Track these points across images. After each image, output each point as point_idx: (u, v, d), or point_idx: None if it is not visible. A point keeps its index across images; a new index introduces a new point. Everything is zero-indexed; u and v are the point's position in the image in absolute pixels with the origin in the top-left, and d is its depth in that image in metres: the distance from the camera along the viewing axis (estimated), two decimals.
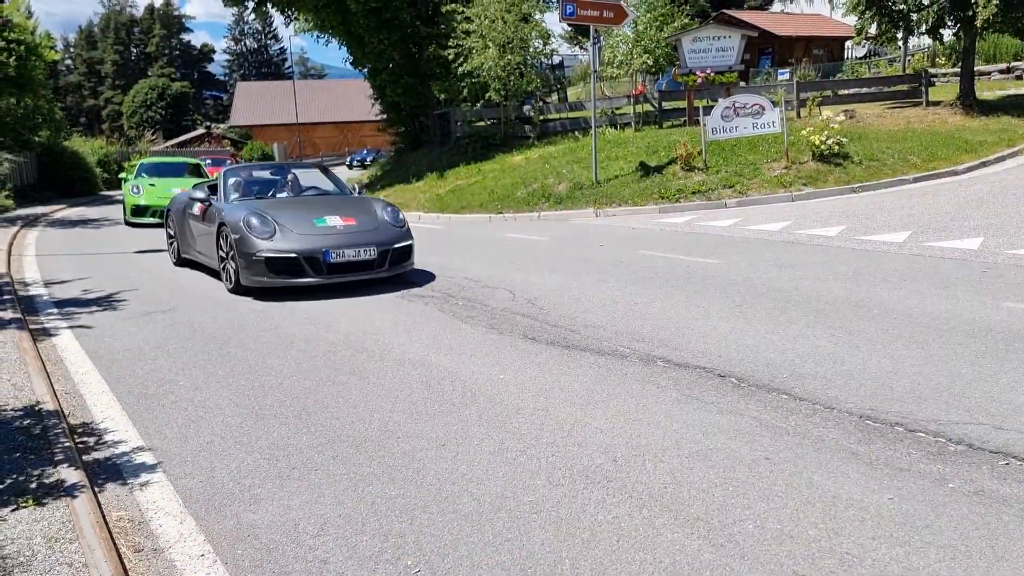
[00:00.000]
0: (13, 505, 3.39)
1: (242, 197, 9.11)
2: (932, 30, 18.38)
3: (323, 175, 10.40)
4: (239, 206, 8.56)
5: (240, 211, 8.29)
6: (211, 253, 8.90)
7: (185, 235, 10.00)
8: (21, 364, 5.63)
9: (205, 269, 9.76)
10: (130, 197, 16.74)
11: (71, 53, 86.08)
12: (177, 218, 10.29)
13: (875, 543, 2.94)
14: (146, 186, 16.94)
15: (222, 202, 8.97)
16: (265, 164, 13.15)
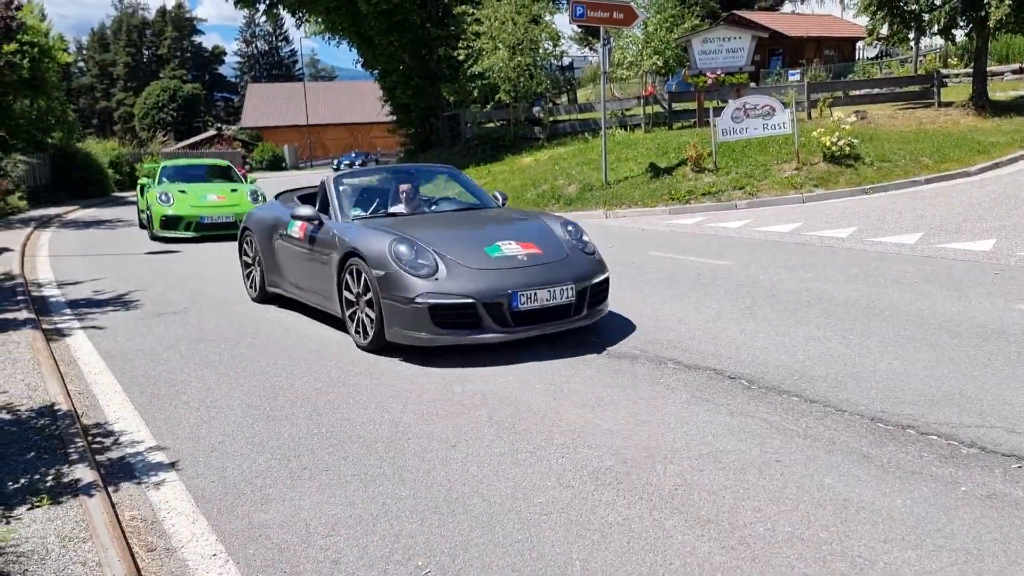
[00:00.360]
0: (28, 504, 3.42)
1: (366, 215, 6.84)
2: (944, 30, 18.31)
3: (454, 180, 7.98)
4: (371, 228, 6.18)
5: (378, 236, 5.90)
6: (323, 290, 6.57)
7: (275, 263, 7.51)
8: (35, 364, 5.67)
9: (298, 306, 7.58)
10: (158, 206, 13.89)
11: (84, 55, 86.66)
12: (260, 240, 7.72)
13: (887, 546, 2.93)
14: (176, 193, 14.14)
15: (339, 221, 6.59)
16: (374, 169, 9.03)
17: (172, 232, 13.77)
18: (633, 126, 20.31)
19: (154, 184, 14.98)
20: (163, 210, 13.87)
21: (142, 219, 15.84)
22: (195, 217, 13.81)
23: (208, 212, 13.95)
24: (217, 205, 14.17)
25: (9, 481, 3.68)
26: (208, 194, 14.34)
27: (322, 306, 6.74)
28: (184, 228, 13.78)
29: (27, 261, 11.98)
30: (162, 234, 13.81)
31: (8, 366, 5.64)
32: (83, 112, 74.72)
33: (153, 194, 14.30)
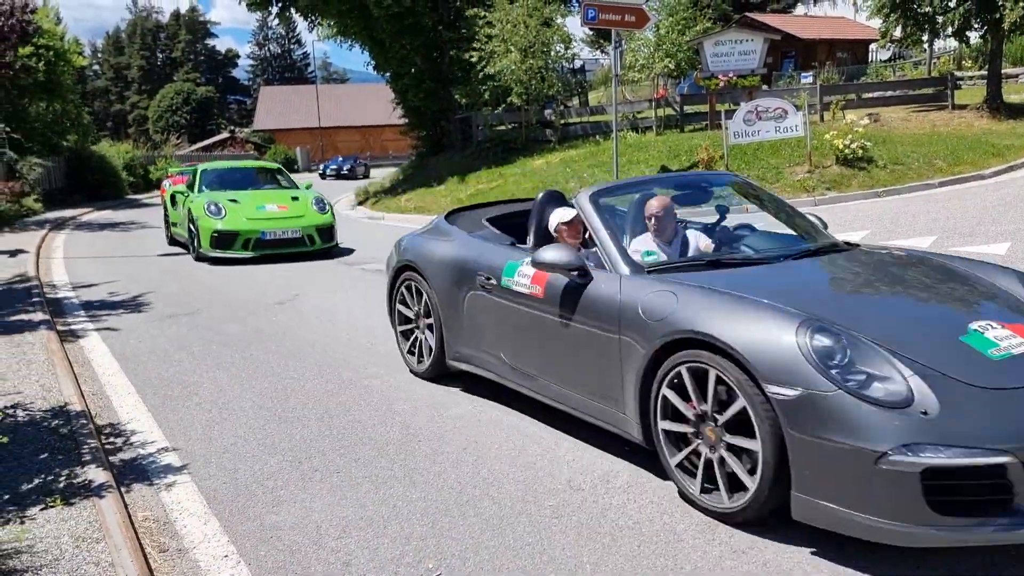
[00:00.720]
0: (42, 504, 3.45)
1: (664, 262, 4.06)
2: (958, 32, 18.20)
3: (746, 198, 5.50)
4: (716, 290, 3.42)
5: (761, 312, 3.18)
6: (596, 389, 3.81)
7: (472, 327, 4.79)
8: (49, 365, 5.71)
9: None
10: (207, 220, 11.20)
11: (99, 59, 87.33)
12: (440, 287, 4.99)
13: (905, 550, 2.91)
14: (226, 203, 11.48)
15: (627, 273, 3.79)
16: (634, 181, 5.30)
17: (226, 252, 11.13)
18: (644, 129, 20.27)
19: (193, 193, 12.32)
20: (214, 224, 11.11)
21: (175, 235, 13.43)
22: (254, 233, 11.13)
23: (269, 226, 11.24)
24: (279, 217, 11.47)
25: (23, 481, 3.70)
26: (266, 203, 11.73)
27: (588, 413, 3.94)
28: (241, 247, 11.12)
29: (42, 263, 12.08)
30: (213, 254, 11.14)
31: (23, 367, 5.68)
32: (98, 115, 75.24)
33: (198, 205, 11.53)
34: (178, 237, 13.18)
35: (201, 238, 11.25)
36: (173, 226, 13.50)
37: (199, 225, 11.29)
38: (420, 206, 18.66)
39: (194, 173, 13.21)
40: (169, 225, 13.82)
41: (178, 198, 13.03)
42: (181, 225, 12.65)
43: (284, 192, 12.67)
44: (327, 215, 11.84)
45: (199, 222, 11.30)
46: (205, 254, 11.25)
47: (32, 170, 21.81)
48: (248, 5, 26.18)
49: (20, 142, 22.05)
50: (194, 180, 12.84)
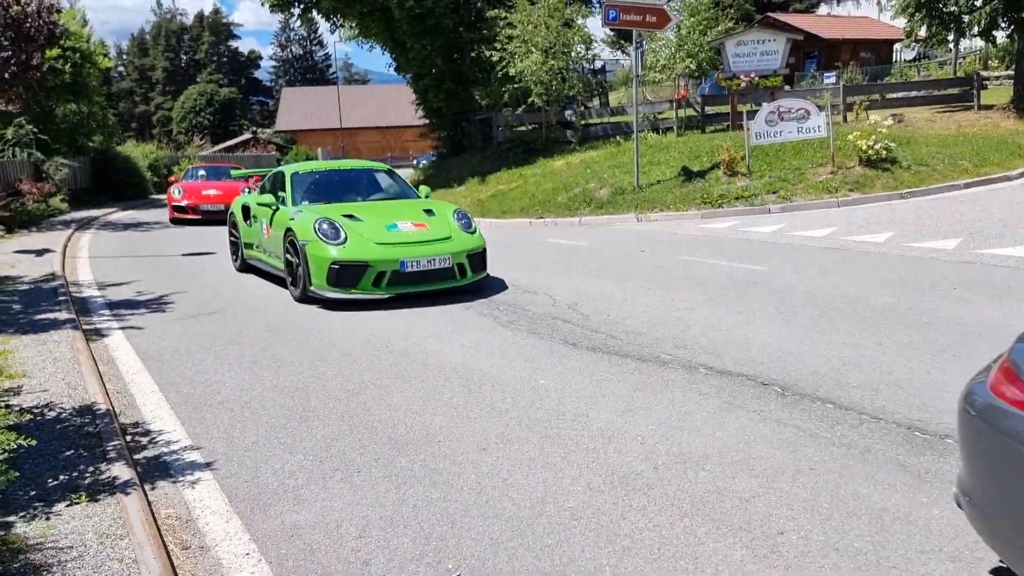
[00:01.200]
0: (67, 501, 3.49)
1: None
2: (984, 32, 17.97)
3: None
4: None
5: None
6: None
7: None
8: (75, 364, 5.79)
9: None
10: (320, 245, 7.90)
11: (124, 60, 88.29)
12: None
13: (923, 557, 2.88)
14: (343, 220, 8.15)
15: None
16: None
17: (351, 291, 7.79)
18: (665, 129, 20.20)
19: (288, 207, 8.96)
20: (331, 252, 7.78)
21: (252, 259, 10.14)
22: (390, 264, 7.76)
23: (408, 253, 7.85)
24: (419, 240, 8.06)
25: (49, 478, 3.75)
26: (396, 220, 8.29)
27: None
28: (372, 283, 7.79)
29: (68, 262, 12.23)
30: (330, 294, 7.84)
31: (49, 365, 5.76)
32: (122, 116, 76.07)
33: (303, 224, 8.15)
34: (260, 264, 9.86)
35: (313, 271, 7.88)
36: (248, 248, 10.21)
37: (309, 253, 7.92)
38: None
39: (273, 178, 10.07)
40: (241, 247, 10.40)
41: (257, 211, 9.72)
42: (267, 249, 9.41)
43: (412, 204, 9.21)
44: (476, 235, 8.51)
45: (309, 248, 7.92)
46: (318, 293, 7.89)
47: (58, 170, 22.07)
48: (270, 7, 26.39)
49: (47, 143, 22.34)
50: (275, 186, 9.76)
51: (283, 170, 9.88)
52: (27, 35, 16.25)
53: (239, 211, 10.42)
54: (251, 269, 10.29)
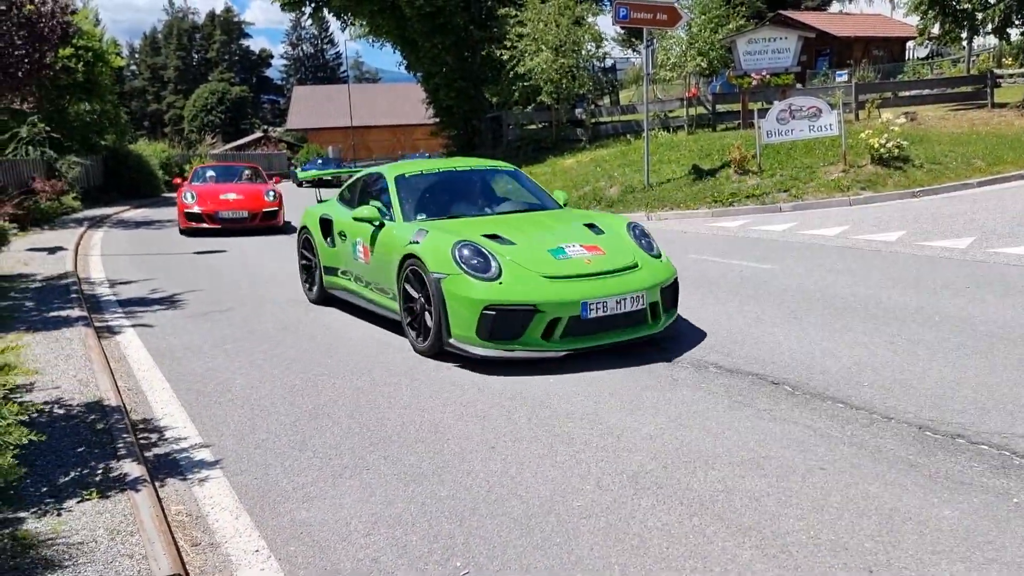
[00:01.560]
0: (78, 497, 3.51)
1: None
2: (998, 29, 17.87)
3: None
4: None
5: None
6: None
7: None
8: (87, 360, 5.82)
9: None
10: (465, 281, 5.47)
11: (136, 59, 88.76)
12: None
13: (935, 558, 2.86)
14: (489, 244, 5.77)
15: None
16: None
17: (511, 345, 5.46)
18: (676, 128, 20.16)
19: (395, 223, 6.61)
20: (477, 291, 5.46)
21: (335, 288, 7.71)
22: (569, 306, 5.44)
23: (592, 292, 5.52)
24: (599, 272, 5.70)
25: (61, 474, 3.78)
26: (561, 243, 5.93)
27: None
28: (542, 336, 5.46)
29: (80, 260, 12.30)
30: (481, 350, 5.50)
31: (61, 362, 5.80)
32: (135, 114, 76.46)
33: (434, 249, 5.80)
34: (350, 297, 7.37)
35: (454, 316, 5.54)
36: (331, 275, 7.66)
37: (447, 291, 5.55)
38: None
39: (364, 184, 7.61)
40: (319, 272, 7.88)
41: (348, 228, 7.16)
42: (365, 279, 6.96)
43: (567, 217, 6.73)
44: (665, 259, 6.17)
45: (447, 285, 5.54)
46: (462, 348, 5.54)
47: (71, 169, 22.21)
48: (282, 6, 26.50)
49: (60, 141, 22.49)
50: (366, 193, 7.34)
51: (381, 172, 7.30)
52: (41, 34, 16.33)
53: (315, 226, 7.91)
54: (332, 300, 7.83)
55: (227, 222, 15.12)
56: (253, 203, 15.46)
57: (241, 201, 15.43)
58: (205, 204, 15.21)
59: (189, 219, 15.16)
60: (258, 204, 15.44)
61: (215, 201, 15.34)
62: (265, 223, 15.39)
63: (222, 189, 15.97)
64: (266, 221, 15.39)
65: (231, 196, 15.56)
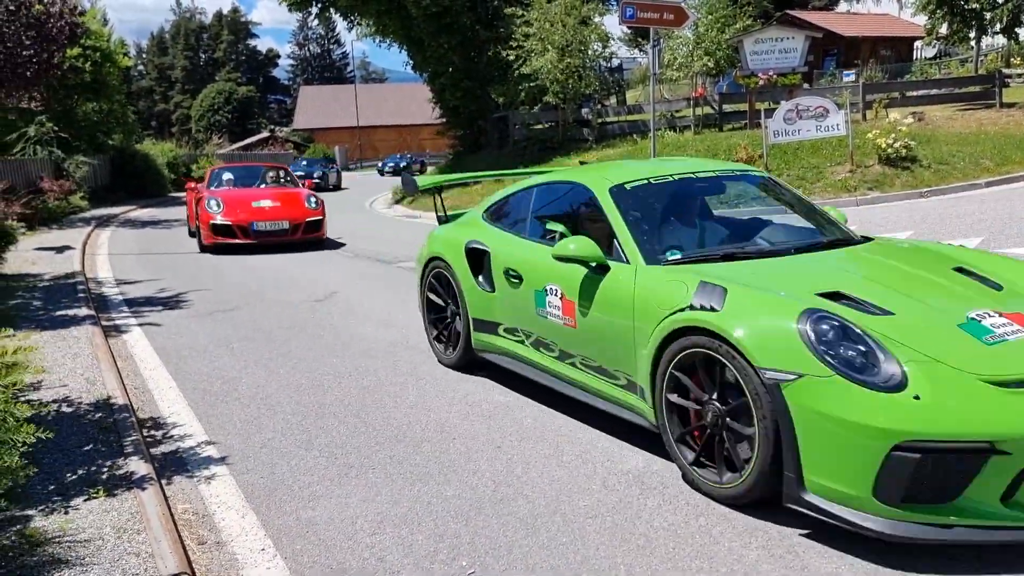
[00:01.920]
0: (85, 495, 3.52)
1: None
2: (1007, 29, 17.81)
3: None
4: None
5: None
6: None
7: None
8: (94, 359, 5.84)
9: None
10: (842, 391, 2.87)
11: (143, 59, 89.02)
12: None
13: (944, 558, 2.85)
14: (851, 315, 3.15)
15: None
16: None
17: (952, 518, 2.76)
18: (683, 128, 20.13)
19: (626, 261, 4.02)
20: (881, 414, 2.79)
21: (481, 347, 5.29)
22: None
23: None
24: None
25: (68, 472, 3.79)
26: (967, 309, 3.33)
27: None
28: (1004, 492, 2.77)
29: (88, 259, 12.35)
30: (879, 525, 2.80)
31: (69, 360, 5.82)
32: (142, 114, 76.62)
33: (773, 327, 3.12)
34: (524, 369, 4.89)
35: (826, 454, 2.93)
36: (486, 331, 5.22)
37: (811, 409, 2.94)
38: (457, 205, 18.73)
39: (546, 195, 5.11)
40: (466, 324, 5.38)
41: (520, 263, 4.82)
42: (558, 348, 4.50)
43: (916, 257, 4.19)
44: None
45: (807, 395, 2.95)
46: (838, 511, 2.91)
47: (79, 168, 22.30)
48: (289, 6, 26.55)
49: (67, 141, 22.58)
50: (554, 211, 4.97)
51: (582, 182, 4.73)
52: (49, 35, 16.41)
53: (459, 258, 5.38)
54: (483, 365, 5.41)
55: (264, 235, 12.36)
56: (293, 211, 12.70)
57: (279, 209, 12.67)
58: (235, 214, 12.36)
59: (217, 232, 12.29)
60: (299, 213, 12.73)
61: (247, 210, 12.49)
62: (308, 236, 12.71)
63: (253, 195, 13.18)
64: (309, 233, 12.71)
65: (265, 204, 12.75)
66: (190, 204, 14.41)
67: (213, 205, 12.50)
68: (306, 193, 13.54)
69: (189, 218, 14.76)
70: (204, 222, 12.46)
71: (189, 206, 14.66)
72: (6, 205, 12.01)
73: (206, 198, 12.74)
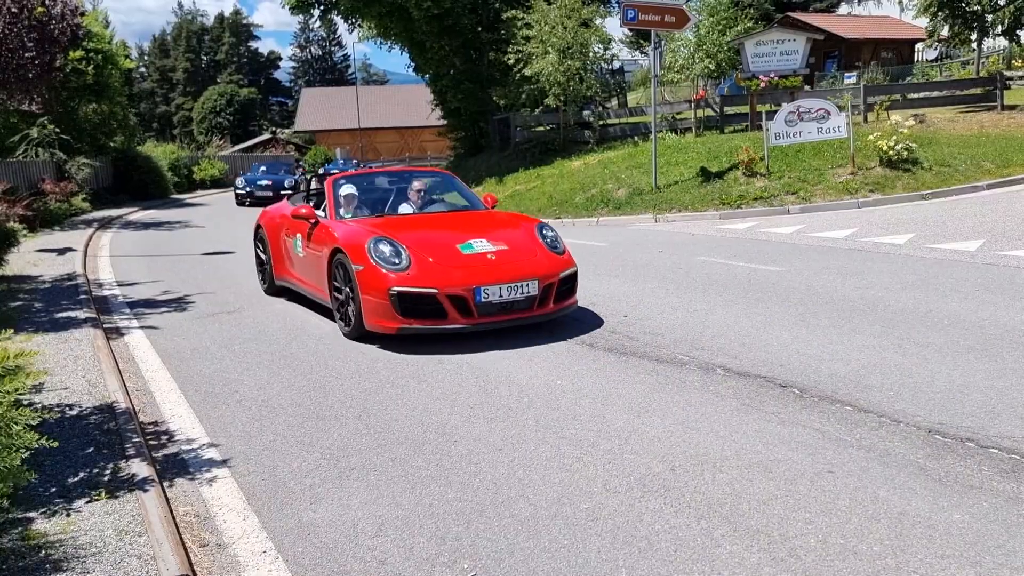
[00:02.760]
0: (87, 498, 3.53)
1: None
2: (1008, 31, 17.80)
3: None
4: None
5: None
6: None
7: None
8: (95, 362, 5.84)
9: None
10: None
11: (145, 61, 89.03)
12: None
13: (944, 562, 2.85)
14: None
15: None
16: None
17: None
18: (684, 130, 20.12)
19: None
20: None
21: None
22: None
23: None
24: None
25: (70, 475, 3.79)
26: None
27: None
28: None
29: (89, 261, 12.35)
30: None
31: (71, 363, 5.82)
32: (144, 116, 76.68)
33: None
34: None
35: None
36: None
37: None
38: None
39: None
40: None
41: None
42: None
43: None
44: None
45: None
46: None
47: (80, 170, 22.31)
48: (290, 8, 26.53)
49: (69, 143, 22.59)
50: None
51: None
52: (51, 37, 16.43)
53: None
54: None
55: (497, 312, 6.26)
56: (533, 260, 6.55)
57: (509, 259, 6.48)
58: (440, 272, 6.23)
59: (408, 311, 6.15)
60: (544, 262, 6.59)
61: (457, 262, 6.36)
62: (562, 306, 6.66)
63: (448, 231, 6.94)
64: (563, 301, 6.67)
65: (482, 247, 6.51)
66: (276, 241, 8.36)
67: (385, 251, 6.29)
68: (531, 223, 7.17)
69: (277, 263, 8.40)
70: (371, 288, 6.23)
71: (275, 244, 8.39)
72: (8, 207, 12.01)
73: (367, 242, 6.40)
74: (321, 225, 7.27)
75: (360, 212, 7.44)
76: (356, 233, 6.71)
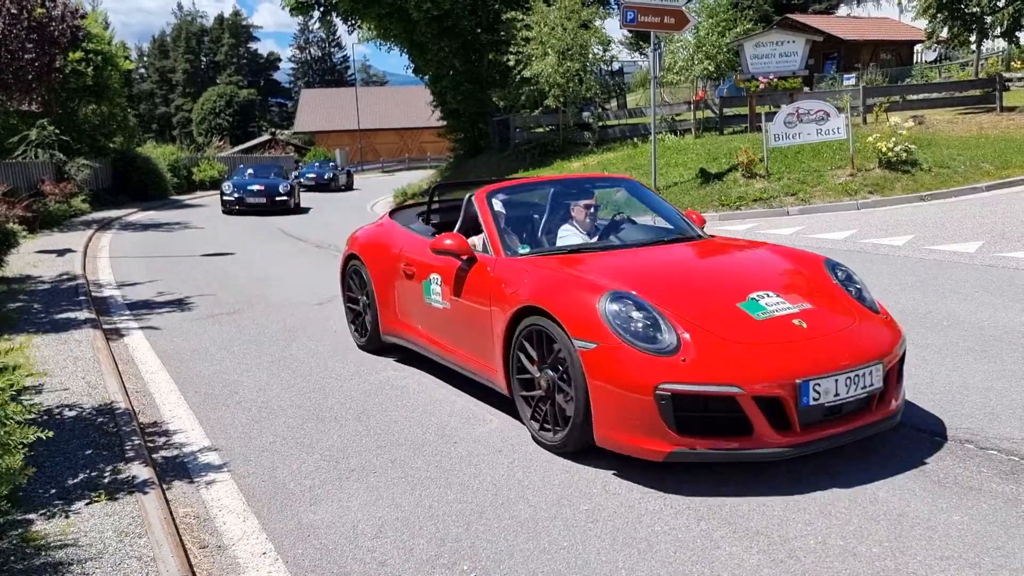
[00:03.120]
0: (87, 499, 3.53)
1: None
2: (1007, 33, 17.82)
3: None
4: None
5: None
6: None
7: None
8: (95, 363, 5.84)
9: None
10: None
11: (145, 62, 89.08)
12: None
13: (943, 563, 2.85)
14: None
15: None
16: None
17: None
18: (683, 131, 20.14)
19: None
20: None
21: None
22: None
23: None
24: None
25: (69, 476, 3.79)
26: None
27: None
28: None
29: (89, 262, 12.35)
30: None
31: (70, 364, 5.82)
32: (143, 117, 76.74)
33: None
34: None
35: None
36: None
37: None
38: None
39: None
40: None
41: None
42: None
43: None
44: None
45: None
46: None
47: (80, 171, 22.29)
48: (290, 9, 26.56)
49: (69, 144, 22.58)
50: None
51: None
52: (51, 38, 16.44)
53: None
54: None
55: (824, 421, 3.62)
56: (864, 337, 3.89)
57: (823, 327, 3.85)
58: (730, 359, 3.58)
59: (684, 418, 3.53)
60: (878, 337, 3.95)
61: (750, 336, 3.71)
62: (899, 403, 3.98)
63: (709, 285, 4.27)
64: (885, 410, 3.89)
65: (781, 308, 3.90)
66: (386, 280, 5.89)
67: (636, 319, 3.73)
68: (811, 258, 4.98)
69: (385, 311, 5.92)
70: (616, 380, 3.63)
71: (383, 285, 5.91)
72: (7, 208, 12.01)
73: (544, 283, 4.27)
74: (481, 265, 4.71)
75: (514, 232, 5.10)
76: (563, 283, 4.16)
